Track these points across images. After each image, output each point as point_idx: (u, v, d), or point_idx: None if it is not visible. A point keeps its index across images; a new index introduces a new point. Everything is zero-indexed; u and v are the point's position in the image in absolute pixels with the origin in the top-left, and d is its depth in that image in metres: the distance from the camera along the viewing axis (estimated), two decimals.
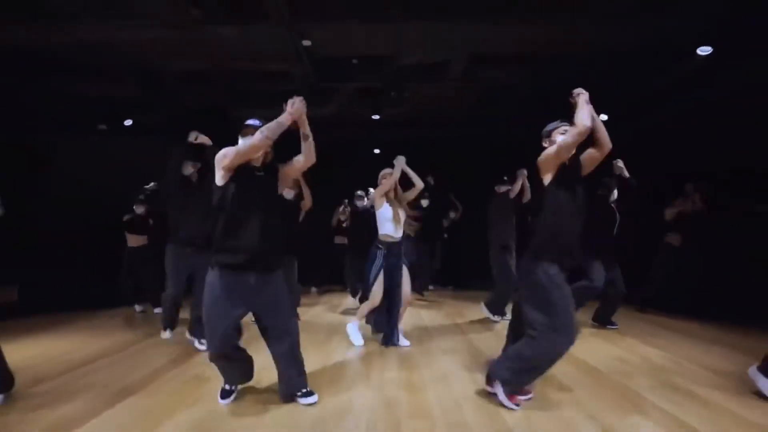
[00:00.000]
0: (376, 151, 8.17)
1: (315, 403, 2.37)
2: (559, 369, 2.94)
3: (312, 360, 3.17)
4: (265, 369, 2.79)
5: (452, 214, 7.15)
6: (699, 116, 5.39)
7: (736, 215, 4.68)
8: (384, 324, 3.62)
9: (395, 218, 3.45)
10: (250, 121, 2.30)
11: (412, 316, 5.04)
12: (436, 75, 6.01)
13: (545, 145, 2.42)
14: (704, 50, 4.48)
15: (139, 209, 5.41)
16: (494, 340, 3.87)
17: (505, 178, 4.72)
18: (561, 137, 2.33)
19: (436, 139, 8.19)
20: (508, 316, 4.47)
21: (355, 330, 3.71)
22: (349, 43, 5.15)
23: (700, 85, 5.14)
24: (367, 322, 3.86)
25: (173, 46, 5.03)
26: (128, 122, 6.41)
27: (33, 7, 4.08)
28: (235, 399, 2.50)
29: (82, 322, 4.75)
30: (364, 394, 2.56)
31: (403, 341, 3.65)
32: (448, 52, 5.44)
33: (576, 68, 5.42)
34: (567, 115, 2.52)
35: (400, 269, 3.56)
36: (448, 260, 7.16)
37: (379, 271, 3.48)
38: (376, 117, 6.76)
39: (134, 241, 5.33)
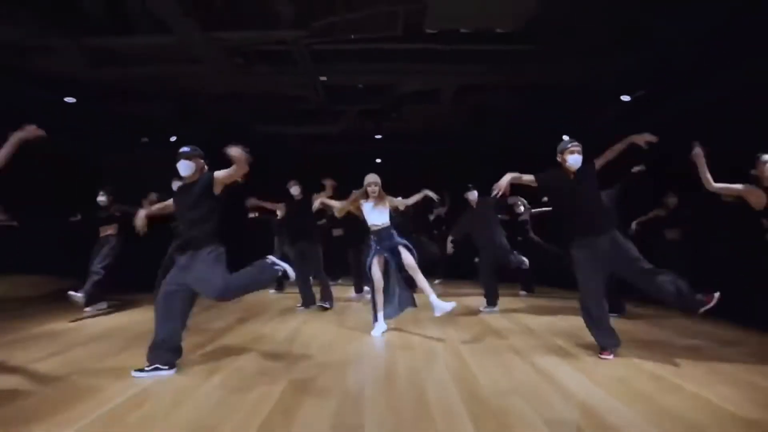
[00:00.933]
0: (378, 160, 9.33)
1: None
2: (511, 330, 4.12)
3: (326, 328, 4.38)
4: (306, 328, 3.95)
5: (439, 209, 7.61)
6: (697, 117, 5.59)
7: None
8: (393, 310, 4.08)
9: (374, 208, 4.04)
10: (182, 149, 3.05)
11: None
12: (430, 99, 7.17)
13: (558, 159, 3.27)
14: (625, 98, 5.52)
15: (101, 198, 5.59)
16: (470, 314, 5.04)
17: (470, 185, 5.47)
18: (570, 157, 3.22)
19: (434, 151, 9.35)
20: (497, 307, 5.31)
21: (380, 323, 4.04)
22: (357, 76, 6.33)
23: (698, 86, 5.52)
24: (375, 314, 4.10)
25: (212, 79, 6.21)
26: (173, 138, 7.58)
27: (102, 54, 5.24)
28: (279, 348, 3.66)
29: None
30: (371, 339, 3.74)
31: (443, 305, 3.81)
32: (440, 84, 6.61)
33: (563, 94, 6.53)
34: (554, 127, 3.26)
35: (396, 248, 3.95)
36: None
37: (373, 257, 4.01)
38: (378, 137, 7.91)
39: (102, 231, 5.55)
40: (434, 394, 2.52)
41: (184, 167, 3.00)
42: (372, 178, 4.13)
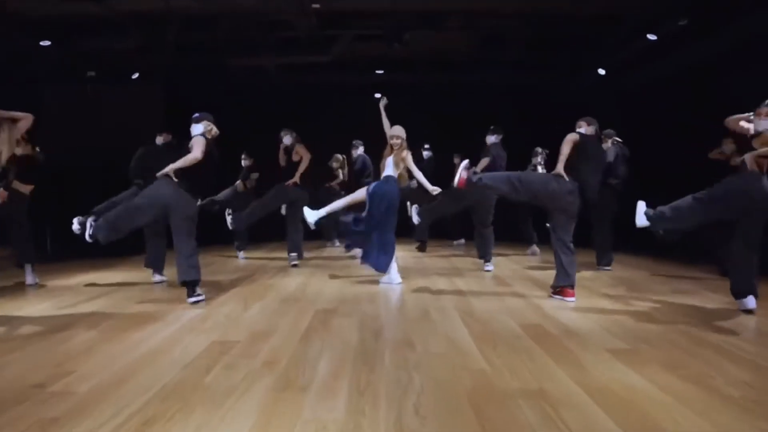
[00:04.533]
0: (377, 95, 10.98)
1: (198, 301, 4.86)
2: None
3: (333, 279, 6.37)
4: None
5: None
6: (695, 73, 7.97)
7: None
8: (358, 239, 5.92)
9: (394, 166, 5.85)
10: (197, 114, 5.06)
11: (414, 258, 8.23)
12: (436, 24, 8.75)
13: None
14: (652, 36, 7.28)
15: None
16: (479, 270, 7.00)
17: (492, 127, 7.12)
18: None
19: (440, 83, 11.02)
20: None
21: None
22: (353, 4, 7.90)
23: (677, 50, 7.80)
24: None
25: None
26: (135, 75, 9.20)
27: None
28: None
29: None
30: (378, 285, 5.68)
31: (396, 277, 5.84)
32: (445, 7, 8.20)
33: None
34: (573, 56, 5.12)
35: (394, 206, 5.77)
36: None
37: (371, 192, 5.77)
38: (380, 71, 9.55)
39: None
40: (436, 312, 4.47)
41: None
42: (397, 131, 5.83)
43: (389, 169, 5.89)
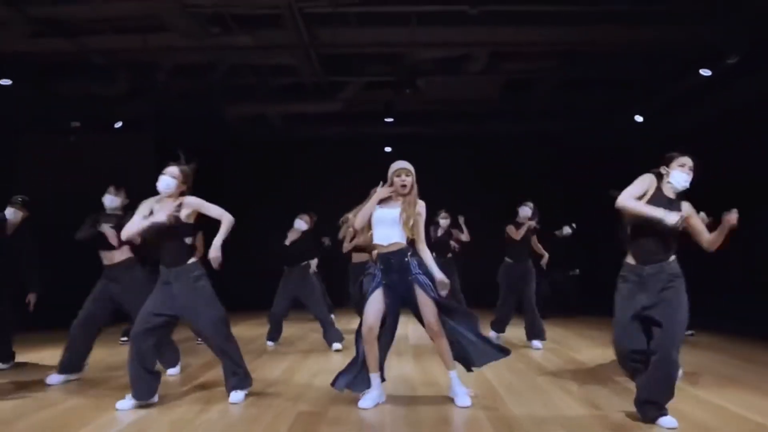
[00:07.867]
0: (388, 149, 10.09)
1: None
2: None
3: (329, 364, 5.17)
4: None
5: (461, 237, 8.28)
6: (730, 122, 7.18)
7: None
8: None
9: (387, 217, 3.65)
10: None
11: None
12: (455, 68, 7.89)
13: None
14: (705, 72, 6.35)
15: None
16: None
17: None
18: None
19: (456, 135, 10.12)
20: None
21: (374, 389, 3.64)
22: (361, 42, 7.07)
23: (729, 90, 6.95)
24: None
25: (176, 50, 6.97)
26: (118, 124, 8.37)
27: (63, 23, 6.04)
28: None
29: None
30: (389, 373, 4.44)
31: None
32: (466, 50, 7.35)
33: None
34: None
35: (411, 288, 3.66)
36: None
37: (373, 290, 3.66)
38: (389, 119, 8.69)
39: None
40: (462, 423, 3.23)
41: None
42: (402, 164, 3.70)
43: (395, 229, 3.64)
